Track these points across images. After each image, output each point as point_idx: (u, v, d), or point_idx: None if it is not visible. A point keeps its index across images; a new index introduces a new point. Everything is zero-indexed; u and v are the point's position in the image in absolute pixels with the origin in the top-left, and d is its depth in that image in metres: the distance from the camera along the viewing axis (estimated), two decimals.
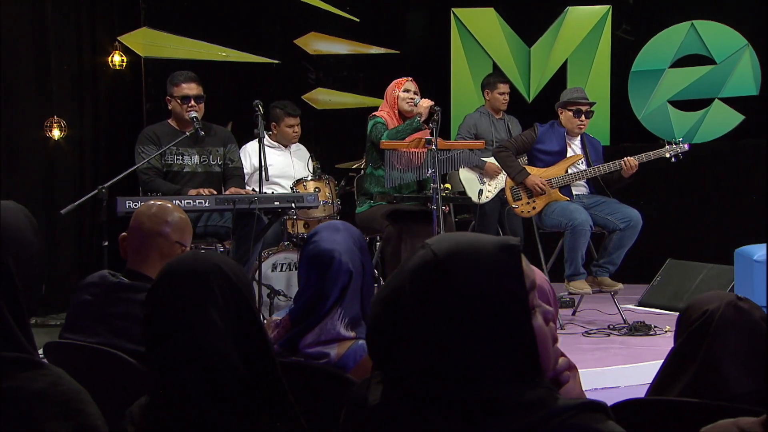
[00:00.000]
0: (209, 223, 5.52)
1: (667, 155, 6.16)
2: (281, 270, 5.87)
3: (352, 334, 2.49)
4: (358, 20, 8.64)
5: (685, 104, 8.35)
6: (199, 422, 1.79)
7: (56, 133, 7.46)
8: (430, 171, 5.37)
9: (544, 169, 6.19)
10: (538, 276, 2.40)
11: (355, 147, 7.11)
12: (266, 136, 6.65)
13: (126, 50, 7.97)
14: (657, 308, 6.82)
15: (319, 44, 8.63)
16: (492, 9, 8.65)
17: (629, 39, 8.53)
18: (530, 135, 6.27)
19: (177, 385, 1.80)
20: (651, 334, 5.89)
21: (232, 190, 5.48)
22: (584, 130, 6.25)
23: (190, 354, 1.79)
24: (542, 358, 1.47)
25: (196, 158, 5.66)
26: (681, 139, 6.22)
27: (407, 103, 5.88)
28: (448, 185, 5.80)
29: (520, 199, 6.20)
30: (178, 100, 5.61)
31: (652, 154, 6.12)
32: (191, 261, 1.88)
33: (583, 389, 2.00)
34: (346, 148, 7.89)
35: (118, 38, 7.94)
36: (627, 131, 8.41)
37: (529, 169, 6.20)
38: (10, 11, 7.17)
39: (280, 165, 6.57)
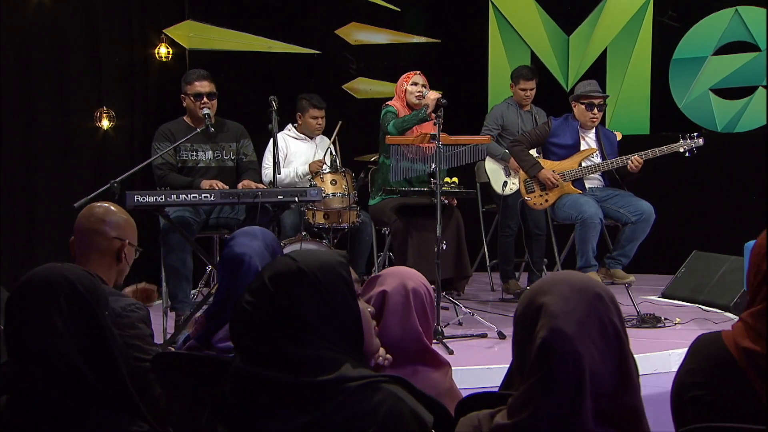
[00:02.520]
0: (221, 215, 5.78)
1: (681, 150, 6.11)
2: None
3: None
4: (398, 10, 8.78)
5: (727, 92, 8.20)
6: (47, 420, 2.03)
7: (105, 123, 7.83)
8: (433, 166, 5.49)
9: (558, 162, 6.24)
10: (416, 279, 2.58)
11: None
12: (292, 127, 6.90)
13: (172, 42, 8.29)
14: (679, 300, 6.82)
15: (360, 34, 8.80)
16: None
17: (675, 25, 8.41)
18: (544, 129, 6.32)
19: (27, 384, 2.04)
20: (659, 326, 5.95)
21: (244, 183, 5.70)
22: (597, 123, 6.26)
23: (37, 357, 2.04)
24: (365, 340, 1.99)
25: (209, 153, 5.91)
26: (696, 134, 6.14)
27: (415, 96, 6.05)
28: (455, 179, 5.90)
29: (533, 192, 6.26)
30: (192, 98, 5.86)
31: (666, 149, 6.08)
32: (42, 273, 2.12)
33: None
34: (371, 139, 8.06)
35: (164, 31, 8.27)
36: (667, 120, 8.31)
37: (542, 162, 6.25)
38: (64, 5, 7.53)
39: (305, 155, 6.78)
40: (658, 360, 5.21)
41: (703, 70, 8.24)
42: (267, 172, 6.48)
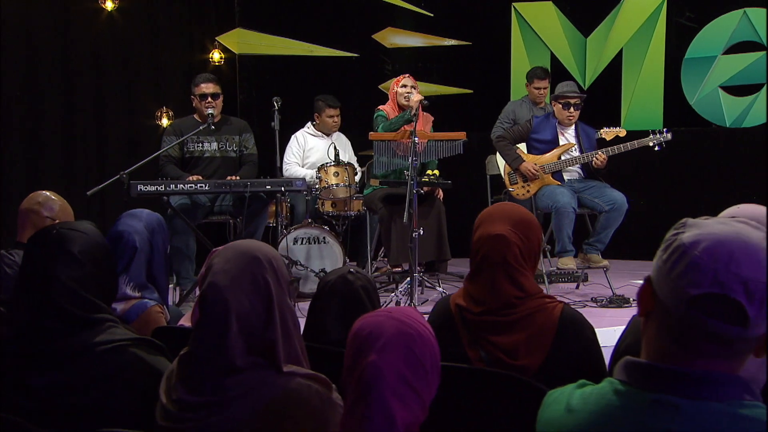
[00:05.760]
0: (224, 203, 6.64)
1: (651, 144, 6.61)
2: (301, 243, 6.85)
3: (137, 294, 3.30)
4: (431, 15, 9.44)
5: (736, 89, 8.54)
6: None
7: (164, 122, 8.78)
8: (410, 159, 6.15)
9: (539, 156, 6.83)
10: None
11: None
12: (311, 125, 7.71)
13: (224, 49, 9.22)
14: None
15: (395, 38, 9.50)
16: (550, 2, 9.14)
17: (693, 26, 8.78)
18: (526, 126, 6.93)
19: None
20: (625, 306, 6.38)
21: (231, 177, 6.44)
22: (574, 120, 6.80)
23: None
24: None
25: (214, 145, 6.75)
26: (665, 129, 6.64)
27: (404, 98, 6.74)
28: (436, 171, 6.58)
29: (516, 183, 6.88)
30: (198, 98, 6.72)
31: (636, 143, 6.60)
32: None
33: None
34: None
35: (217, 38, 9.20)
36: (679, 116, 8.69)
37: (525, 156, 6.85)
38: (131, 17, 8.48)
39: (322, 152, 7.57)
40: (602, 335, 5.73)
41: (714, 68, 8.59)
42: (287, 167, 7.33)
